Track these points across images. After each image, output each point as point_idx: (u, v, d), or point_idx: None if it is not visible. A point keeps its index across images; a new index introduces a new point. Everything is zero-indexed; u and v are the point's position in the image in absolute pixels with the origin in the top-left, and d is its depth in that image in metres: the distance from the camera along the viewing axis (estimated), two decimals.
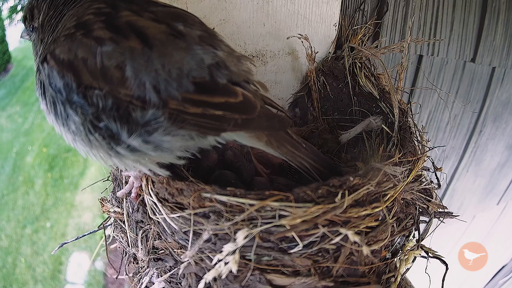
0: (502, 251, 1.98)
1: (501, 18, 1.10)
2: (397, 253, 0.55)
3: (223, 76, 0.47)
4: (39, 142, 5.15)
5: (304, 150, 0.54)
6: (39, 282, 3.62)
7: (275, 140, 0.52)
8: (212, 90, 0.46)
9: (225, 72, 0.47)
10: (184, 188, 0.47)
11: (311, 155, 0.54)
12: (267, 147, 0.52)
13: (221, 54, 0.48)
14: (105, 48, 0.43)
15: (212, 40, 0.49)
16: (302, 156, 0.54)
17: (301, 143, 0.54)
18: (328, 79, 0.81)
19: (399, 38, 0.95)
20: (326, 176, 0.54)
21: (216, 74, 0.46)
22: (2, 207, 4.35)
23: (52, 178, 4.64)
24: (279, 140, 0.52)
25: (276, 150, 0.52)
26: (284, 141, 0.53)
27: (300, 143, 0.54)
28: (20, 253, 3.87)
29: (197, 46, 0.46)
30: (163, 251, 0.52)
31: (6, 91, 6.36)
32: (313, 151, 0.55)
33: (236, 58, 0.50)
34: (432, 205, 0.62)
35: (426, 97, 1.12)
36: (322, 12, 0.78)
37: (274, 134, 0.52)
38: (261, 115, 0.47)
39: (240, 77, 0.49)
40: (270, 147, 0.52)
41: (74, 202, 4.32)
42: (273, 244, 0.44)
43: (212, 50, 0.47)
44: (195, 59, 0.45)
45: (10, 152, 5.09)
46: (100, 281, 3.60)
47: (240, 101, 0.46)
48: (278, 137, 0.52)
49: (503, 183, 1.58)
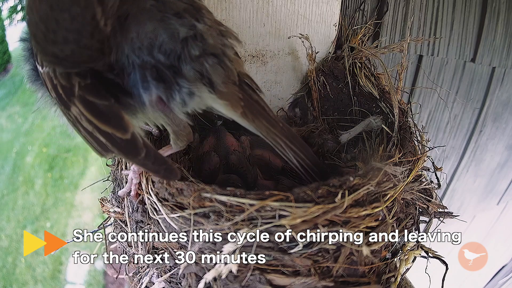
0: (502, 251, 1.98)
1: (501, 18, 1.10)
2: (397, 253, 0.55)
3: (197, 48, 0.47)
4: (39, 142, 5.15)
5: (280, 129, 0.54)
6: (39, 282, 3.62)
7: (250, 113, 0.51)
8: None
9: (199, 44, 0.47)
10: (184, 188, 0.47)
11: (288, 135, 0.54)
12: (242, 119, 0.52)
13: (200, 26, 0.48)
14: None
15: (197, 12, 0.49)
16: (277, 134, 0.53)
17: (278, 121, 0.54)
18: (328, 79, 0.81)
19: (399, 38, 0.95)
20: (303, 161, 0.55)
21: (191, 46, 0.46)
22: (2, 207, 4.35)
23: (52, 178, 4.64)
24: (254, 114, 0.52)
25: (251, 124, 0.52)
26: (260, 115, 0.52)
27: (277, 121, 0.54)
28: (20, 253, 3.87)
29: (174, 17, 0.47)
30: (163, 251, 0.52)
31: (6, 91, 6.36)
32: (291, 132, 0.55)
33: (218, 31, 0.50)
34: (432, 205, 0.62)
35: (426, 97, 1.12)
36: (322, 12, 0.78)
37: (250, 106, 0.51)
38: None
39: (215, 50, 0.48)
40: (244, 119, 0.52)
41: (74, 202, 4.32)
42: (273, 244, 0.44)
43: (193, 23, 0.47)
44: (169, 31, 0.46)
45: (10, 152, 5.09)
46: (100, 281, 3.61)
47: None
48: (254, 111, 0.52)
49: (503, 183, 1.58)
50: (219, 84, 0.48)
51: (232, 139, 0.73)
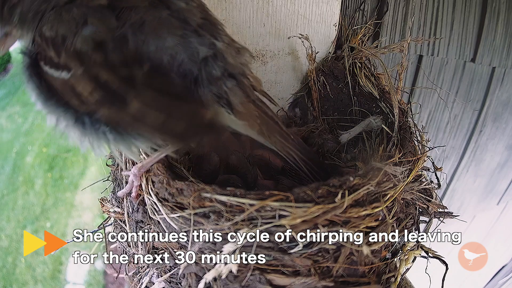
0: (502, 251, 1.98)
1: (501, 18, 1.10)
2: (397, 253, 0.55)
3: (218, 68, 0.47)
4: (39, 142, 5.15)
5: (292, 141, 0.55)
6: (39, 282, 3.62)
7: (267, 130, 0.53)
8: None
9: (220, 64, 0.47)
10: (184, 188, 0.47)
11: (298, 147, 0.56)
12: (259, 136, 0.53)
13: (220, 45, 0.47)
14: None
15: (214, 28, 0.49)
16: (290, 147, 0.55)
17: (289, 134, 0.56)
18: (328, 79, 0.81)
19: (399, 38, 0.95)
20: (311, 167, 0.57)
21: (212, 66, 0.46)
22: (2, 207, 4.35)
23: (52, 178, 4.64)
24: (270, 130, 0.53)
25: (267, 139, 0.53)
26: (275, 131, 0.54)
27: (289, 135, 0.56)
28: (20, 253, 3.87)
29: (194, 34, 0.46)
30: (163, 251, 0.52)
31: (6, 91, 6.36)
32: (299, 142, 0.57)
33: (235, 49, 0.50)
34: (432, 205, 0.62)
35: (426, 97, 1.12)
36: (322, 12, 0.78)
37: (266, 123, 0.53)
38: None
39: (235, 69, 0.49)
40: (261, 136, 0.53)
41: (74, 202, 4.32)
42: (273, 244, 0.44)
43: (212, 41, 0.47)
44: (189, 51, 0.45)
45: (10, 152, 5.09)
46: (100, 281, 3.60)
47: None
48: (270, 127, 0.53)
49: (503, 183, 1.58)
50: (237, 105, 0.48)
51: (232, 139, 0.73)
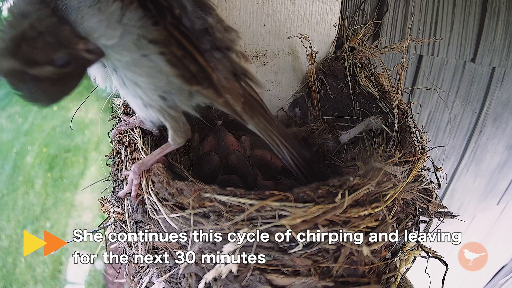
0: (502, 251, 1.98)
1: (501, 18, 1.10)
2: (397, 253, 0.55)
3: (207, 42, 0.48)
4: (39, 142, 5.15)
5: (275, 127, 0.56)
6: (39, 282, 3.62)
7: (250, 110, 0.54)
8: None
9: (209, 38, 0.49)
10: (184, 188, 0.47)
11: (282, 134, 0.57)
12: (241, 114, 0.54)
13: (210, 20, 0.49)
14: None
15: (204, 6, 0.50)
16: (273, 132, 0.56)
17: (274, 119, 0.56)
18: (328, 79, 0.81)
19: (399, 38, 0.95)
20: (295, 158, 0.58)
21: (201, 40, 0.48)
22: (2, 207, 4.34)
23: (52, 178, 4.64)
24: (253, 111, 0.54)
25: (249, 120, 0.54)
26: (258, 113, 0.55)
27: (273, 119, 0.56)
28: (20, 253, 3.87)
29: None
30: (163, 251, 0.52)
31: (6, 91, 6.34)
32: (284, 130, 0.58)
33: (223, 26, 0.52)
34: (432, 205, 0.62)
35: (426, 97, 1.12)
36: (322, 12, 0.78)
37: (249, 103, 0.53)
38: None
39: (223, 43, 0.50)
40: (244, 115, 0.53)
41: (74, 202, 4.32)
42: (273, 244, 0.44)
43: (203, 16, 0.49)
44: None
45: (10, 152, 5.09)
46: (100, 281, 3.60)
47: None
48: (253, 108, 0.54)
49: (503, 183, 1.58)
50: (221, 80, 0.49)
51: (232, 139, 0.73)
